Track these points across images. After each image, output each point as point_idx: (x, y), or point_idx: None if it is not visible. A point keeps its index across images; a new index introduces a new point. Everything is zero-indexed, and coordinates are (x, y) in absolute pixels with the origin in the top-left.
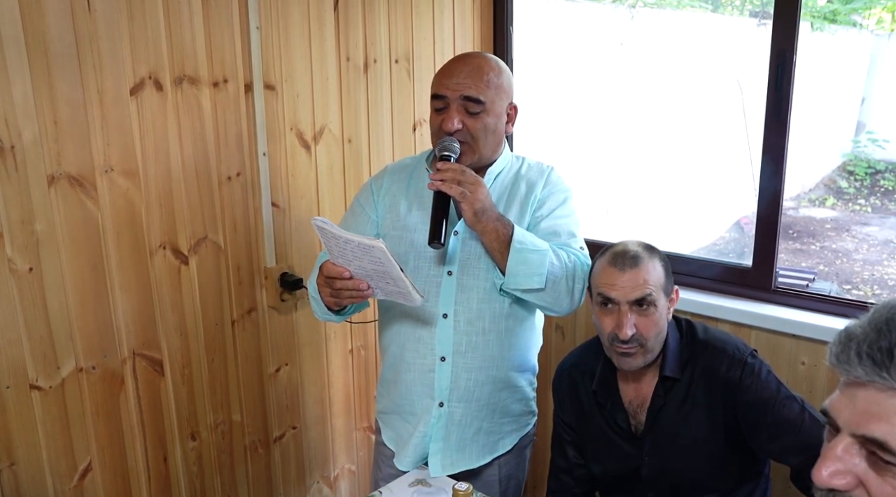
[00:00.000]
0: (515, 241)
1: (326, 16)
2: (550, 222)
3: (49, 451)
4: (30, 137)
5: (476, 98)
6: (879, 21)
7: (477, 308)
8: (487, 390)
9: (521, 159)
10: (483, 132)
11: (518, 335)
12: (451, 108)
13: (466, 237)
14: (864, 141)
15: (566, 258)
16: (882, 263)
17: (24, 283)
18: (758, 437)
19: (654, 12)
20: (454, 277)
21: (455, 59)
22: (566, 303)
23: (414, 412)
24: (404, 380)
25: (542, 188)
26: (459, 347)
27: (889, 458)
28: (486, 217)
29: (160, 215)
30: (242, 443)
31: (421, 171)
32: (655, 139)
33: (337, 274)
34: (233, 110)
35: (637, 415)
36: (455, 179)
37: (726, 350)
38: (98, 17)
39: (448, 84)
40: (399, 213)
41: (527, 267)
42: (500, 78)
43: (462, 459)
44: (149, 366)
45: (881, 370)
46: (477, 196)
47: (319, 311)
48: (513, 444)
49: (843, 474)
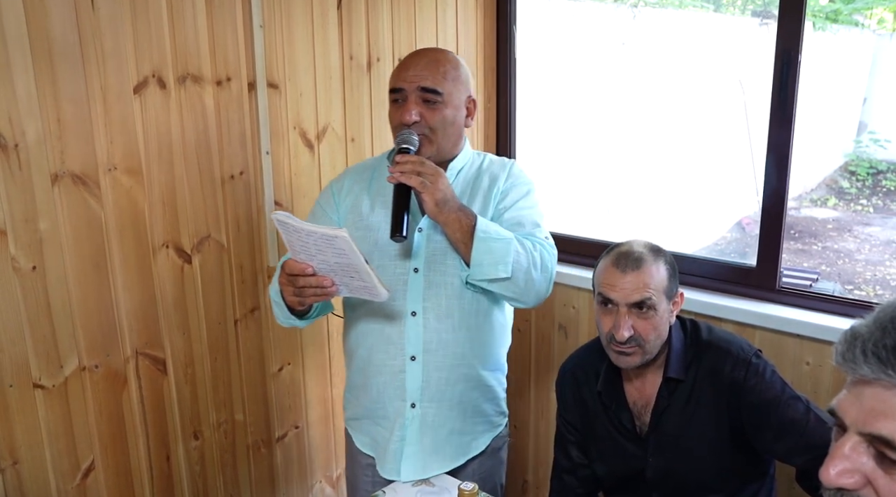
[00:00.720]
0: (479, 231)
1: (330, 14)
2: (514, 213)
3: (52, 449)
4: (33, 135)
5: (433, 89)
6: (881, 21)
7: (446, 304)
8: (459, 389)
9: (482, 155)
10: (442, 124)
11: (488, 332)
12: (408, 100)
13: (431, 233)
14: (865, 141)
15: (531, 247)
16: (884, 264)
17: (28, 282)
18: (762, 437)
19: (655, 12)
20: (420, 274)
21: (411, 54)
22: (533, 293)
23: (387, 416)
24: (375, 383)
25: (504, 180)
26: (430, 345)
27: (893, 455)
28: (447, 207)
29: (163, 214)
30: (245, 442)
31: (382, 170)
32: (657, 139)
33: (299, 270)
34: (236, 109)
35: (641, 415)
36: (414, 170)
37: (731, 350)
38: (102, 16)
39: (405, 76)
40: (361, 213)
41: (492, 256)
42: (458, 70)
43: (436, 462)
44: (152, 365)
45: (886, 368)
46: (437, 186)
47: (282, 315)
48: (486, 444)
49: (851, 473)
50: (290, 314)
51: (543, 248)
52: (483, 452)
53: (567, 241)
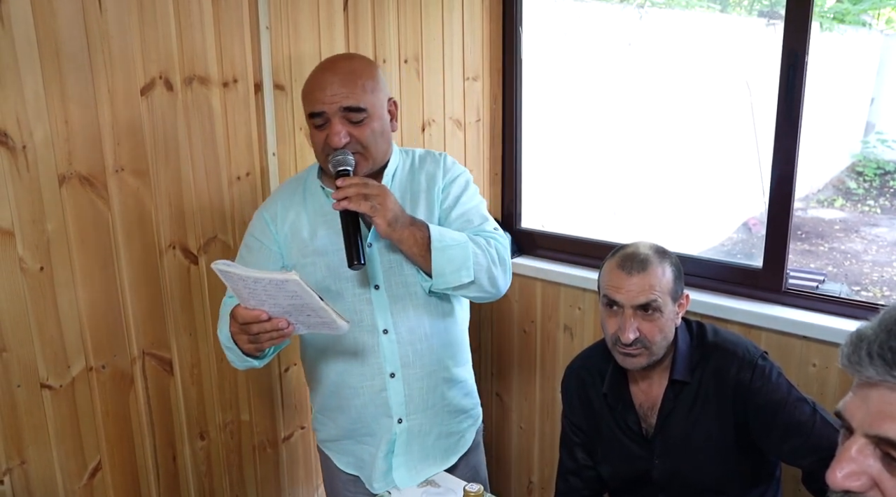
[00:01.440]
0: (434, 241)
1: (336, 16)
2: (460, 210)
3: (59, 449)
4: (41, 137)
5: (356, 106)
6: (889, 21)
7: (415, 315)
8: (439, 393)
9: (409, 152)
10: (373, 138)
11: (455, 331)
12: (333, 123)
13: (382, 247)
14: (873, 141)
15: (485, 244)
16: (892, 264)
17: (35, 283)
18: (768, 439)
19: (662, 12)
20: (382, 291)
21: (322, 70)
22: (496, 288)
23: (372, 433)
24: (353, 405)
25: (442, 178)
26: (407, 359)
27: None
28: (399, 224)
29: (170, 215)
30: (251, 442)
31: (314, 189)
32: (663, 140)
33: (253, 318)
34: (242, 110)
35: (647, 417)
36: (360, 194)
37: (737, 352)
38: (109, 18)
39: (323, 98)
40: (304, 239)
41: (452, 264)
42: (375, 79)
43: (426, 467)
44: (158, 365)
45: (892, 369)
46: (387, 206)
47: (237, 360)
48: (472, 439)
49: (858, 475)
50: (244, 358)
51: (497, 241)
52: (471, 448)
53: (573, 243)
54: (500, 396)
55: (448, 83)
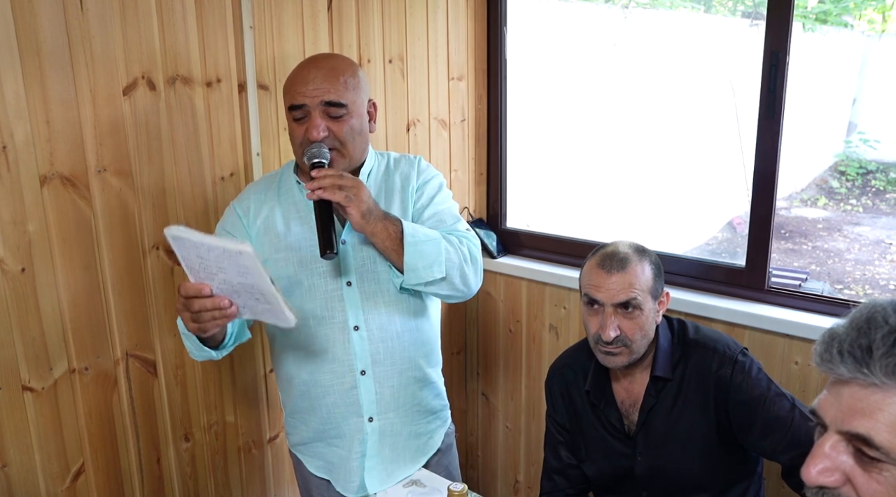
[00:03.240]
0: (407, 236)
1: (320, 16)
2: (433, 210)
3: (41, 452)
4: (22, 137)
5: (337, 102)
6: (871, 21)
7: (386, 313)
8: (410, 392)
9: (385, 155)
10: (350, 135)
11: (427, 330)
12: (313, 116)
13: (355, 243)
14: (855, 141)
15: (458, 242)
16: (873, 263)
17: (17, 284)
18: (749, 434)
19: (646, 12)
20: (354, 287)
21: (306, 65)
22: (468, 287)
23: (341, 435)
24: (324, 404)
25: (416, 178)
26: (377, 356)
27: (874, 453)
28: (373, 217)
29: (153, 215)
30: (236, 443)
31: (289, 185)
32: (648, 139)
33: (195, 291)
34: (226, 110)
35: (630, 414)
36: (335, 185)
37: (717, 348)
38: (91, 17)
39: (305, 92)
40: (278, 234)
41: (424, 259)
42: (357, 77)
43: (398, 469)
44: (142, 367)
45: (862, 367)
46: (361, 197)
47: (194, 348)
48: (441, 440)
49: (831, 471)
50: (201, 346)
51: (469, 240)
52: (439, 450)
53: (558, 242)
54: (485, 396)
55: (433, 83)
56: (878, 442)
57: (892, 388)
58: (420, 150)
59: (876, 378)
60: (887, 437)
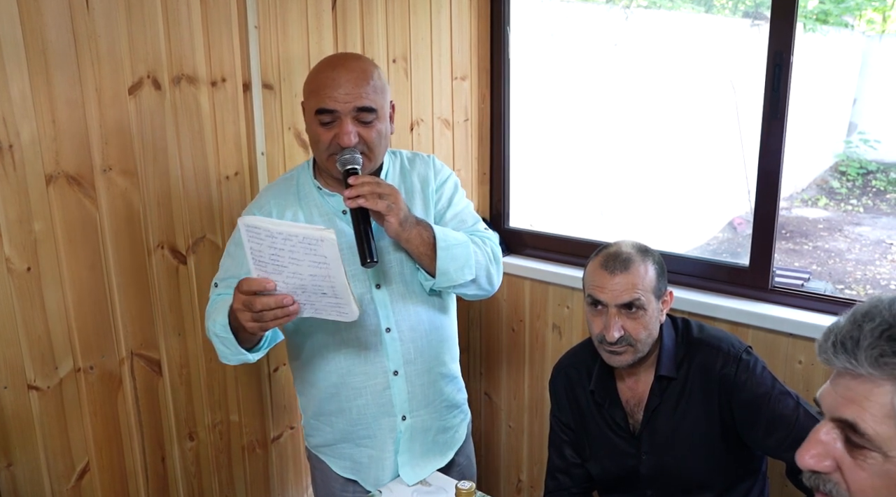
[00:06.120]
0: (440, 241)
1: (324, 15)
2: (454, 211)
3: (47, 451)
4: (28, 136)
5: (369, 107)
6: (870, 22)
7: (415, 313)
8: (438, 388)
9: (397, 153)
10: (378, 140)
11: (449, 327)
12: (344, 122)
13: (384, 247)
14: (855, 141)
15: (482, 243)
16: (874, 263)
17: (22, 283)
18: (753, 433)
19: (648, 13)
20: (384, 290)
21: (333, 67)
22: (491, 286)
23: (372, 435)
24: (355, 406)
25: (434, 178)
26: (409, 356)
27: (859, 440)
28: (408, 224)
29: (158, 215)
30: (240, 443)
31: (308, 189)
32: (649, 140)
33: (260, 286)
34: (231, 110)
35: (634, 413)
36: (374, 193)
37: (721, 347)
38: (96, 16)
39: (336, 96)
40: None
41: (455, 262)
42: (382, 79)
43: (428, 464)
44: (147, 366)
45: (850, 358)
46: (399, 206)
47: (231, 352)
48: (465, 433)
49: (823, 457)
50: (239, 349)
51: (491, 240)
52: (464, 441)
53: (561, 242)
54: (488, 395)
55: (436, 83)
56: (862, 428)
57: (878, 379)
58: (423, 150)
59: (863, 369)
60: (872, 424)
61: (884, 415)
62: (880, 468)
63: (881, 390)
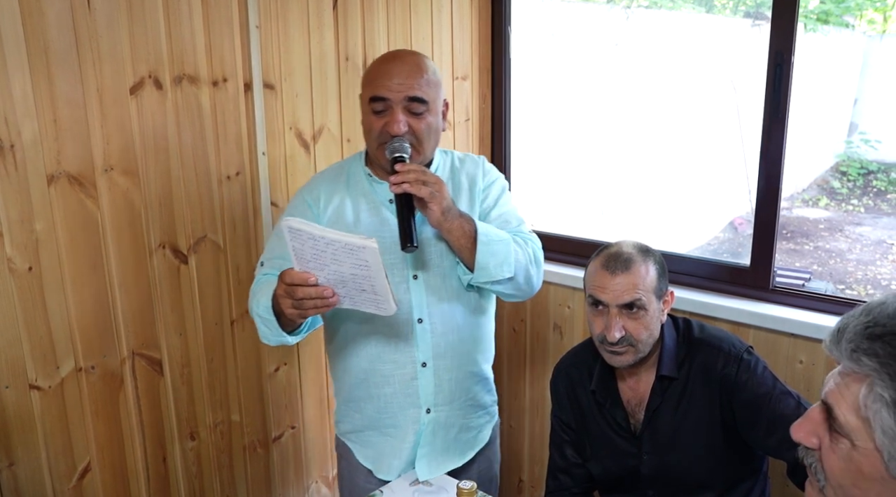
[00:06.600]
0: (481, 235)
1: (325, 15)
2: (499, 211)
3: (48, 451)
4: (29, 136)
5: (421, 98)
6: (871, 22)
7: (449, 307)
8: (466, 386)
9: (448, 153)
10: (427, 132)
11: (484, 327)
12: (395, 111)
13: (425, 238)
14: (856, 141)
15: (523, 243)
16: (875, 263)
17: (24, 283)
18: (754, 432)
19: (648, 13)
20: (420, 281)
21: (389, 59)
22: (531, 287)
23: (396, 424)
24: (382, 394)
25: (482, 178)
26: (439, 350)
27: (835, 425)
28: (451, 215)
29: (160, 215)
30: (241, 443)
31: (359, 177)
32: (650, 139)
33: (301, 280)
34: (232, 109)
35: (635, 413)
36: (419, 180)
37: (722, 347)
38: (98, 16)
39: (390, 85)
40: (347, 224)
41: (495, 258)
42: (436, 75)
43: (446, 461)
44: (148, 366)
45: (833, 351)
46: (443, 194)
47: (271, 333)
48: (489, 435)
49: (811, 434)
50: (280, 331)
51: (533, 242)
52: (487, 444)
53: (562, 242)
54: None
55: None
56: (836, 414)
57: (855, 375)
58: None
59: (844, 364)
60: (845, 413)
61: (854, 406)
62: (847, 454)
63: (856, 384)
